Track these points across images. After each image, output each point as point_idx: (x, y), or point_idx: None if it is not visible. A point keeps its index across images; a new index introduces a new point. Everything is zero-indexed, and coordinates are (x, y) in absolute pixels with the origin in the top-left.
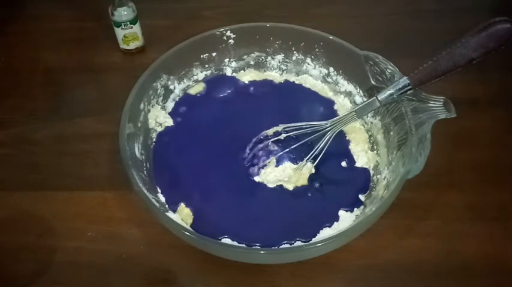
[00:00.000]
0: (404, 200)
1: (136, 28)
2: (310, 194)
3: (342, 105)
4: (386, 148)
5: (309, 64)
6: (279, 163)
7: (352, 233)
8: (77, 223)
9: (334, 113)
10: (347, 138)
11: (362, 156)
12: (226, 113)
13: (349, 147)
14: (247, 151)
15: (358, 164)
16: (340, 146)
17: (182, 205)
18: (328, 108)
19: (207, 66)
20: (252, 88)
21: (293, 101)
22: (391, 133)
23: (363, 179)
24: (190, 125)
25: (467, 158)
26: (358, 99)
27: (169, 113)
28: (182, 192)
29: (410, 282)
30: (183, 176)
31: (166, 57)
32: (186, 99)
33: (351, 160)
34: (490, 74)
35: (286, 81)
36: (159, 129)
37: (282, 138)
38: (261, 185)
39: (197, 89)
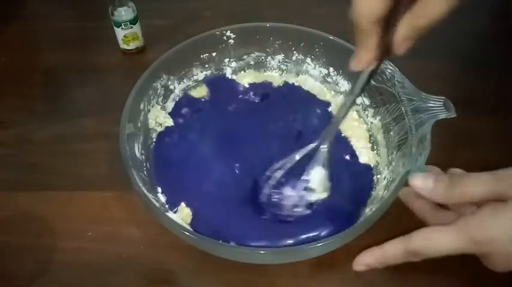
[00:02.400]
0: None
1: (136, 28)
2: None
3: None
4: (386, 148)
5: (309, 64)
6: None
7: (352, 233)
8: (77, 223)
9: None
10: (343, 135)
11: (363, 154)
12: (226, 113)
13: (351, 143)
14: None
15: (361, 160)
16: (341, 144)
17: (182, 205)
18: (324, 111)
19: (207, 66)
20: (250, 90)
21: (291, 104)
22: (391, 133)
23: (364, 179)
24: (191, 125)
25: (467, 158)
26: (358, 99)
27: (169, 113)
28: (182, 192)
29: (410, 282)
30: (183, 176)
31: (166, 57)
32: (186, 99)
33: (354, 156)
34: (490, 74)
35: (286, 83)
36: (159, 129)
37: (278, 176)
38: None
39: (199, 92)
